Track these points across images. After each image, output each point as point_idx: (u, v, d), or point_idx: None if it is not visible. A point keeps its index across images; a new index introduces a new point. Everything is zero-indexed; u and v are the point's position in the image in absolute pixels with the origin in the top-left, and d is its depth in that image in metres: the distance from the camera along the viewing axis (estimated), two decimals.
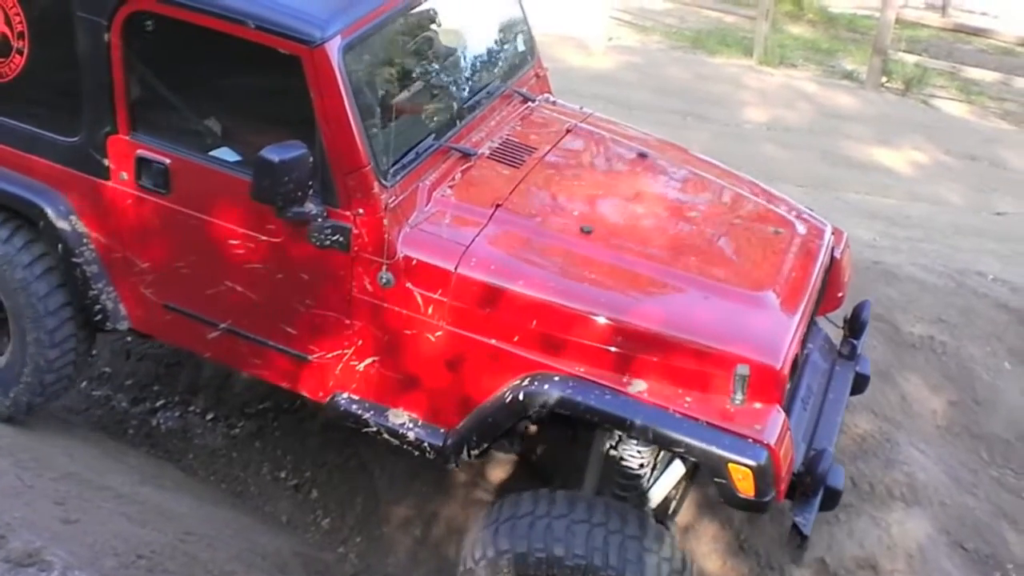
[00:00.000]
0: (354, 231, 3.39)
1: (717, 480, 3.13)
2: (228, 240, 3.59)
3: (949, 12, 12.99)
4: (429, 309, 3.40)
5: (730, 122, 9.20)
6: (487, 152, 3.78)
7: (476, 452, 3.45)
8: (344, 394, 3.64)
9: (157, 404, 4.99)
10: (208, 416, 4.92)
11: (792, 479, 3.29)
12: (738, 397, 3.16)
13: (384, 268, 3.40)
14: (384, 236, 3.36)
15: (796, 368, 3.46)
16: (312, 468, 4.65)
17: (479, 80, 4.05)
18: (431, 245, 3.41)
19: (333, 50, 3.27)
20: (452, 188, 3.59)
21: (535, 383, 3.28)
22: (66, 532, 3.43)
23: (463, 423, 3.46)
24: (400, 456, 4.30)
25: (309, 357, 3.66)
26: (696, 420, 3.14)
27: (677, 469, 3.49)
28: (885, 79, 10.52)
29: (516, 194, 3.62)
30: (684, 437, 3.12)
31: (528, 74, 4.27)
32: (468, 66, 4.04)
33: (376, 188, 3.36)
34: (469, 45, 4.07)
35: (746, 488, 3.09)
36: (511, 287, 3.34)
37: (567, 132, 4.05)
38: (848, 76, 11.02)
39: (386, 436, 3.58)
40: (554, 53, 4.50)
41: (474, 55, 4.10)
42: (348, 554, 4.37)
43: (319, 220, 3.39)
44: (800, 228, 3.81)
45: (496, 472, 4.49)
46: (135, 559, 3.45)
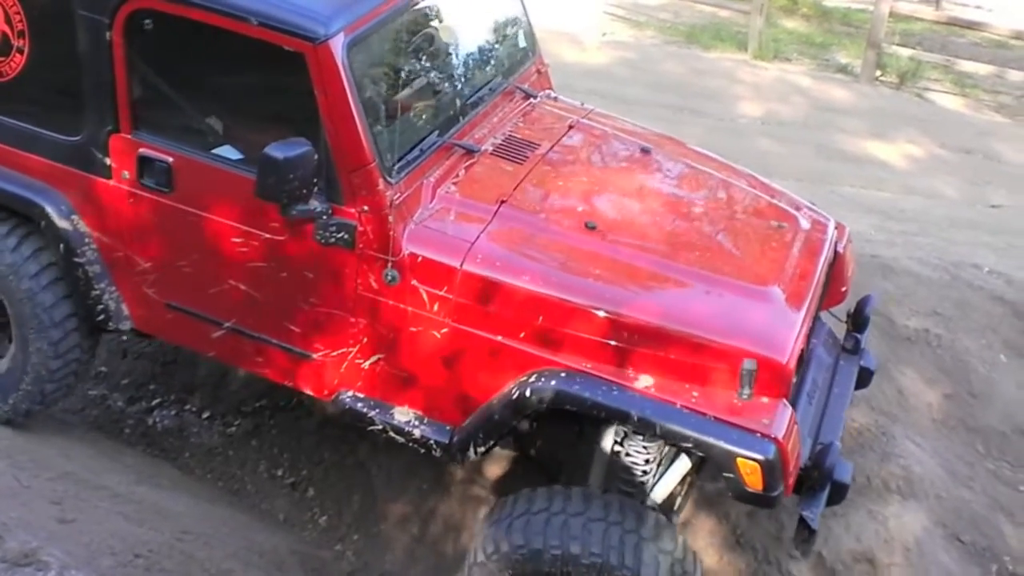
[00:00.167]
0: (359, 228, 3.38)
1: (726, 475, 3.13)
2: (231, 238, 3.57)
3: (943, 5, 13.03)
4: (434, 306, 3.40)
5: (724, 116, 9.19)
6: (490, 148, 3.78)
7: (483, 449, 3.45)
8: (349, 392, 3.63)
9: (153, 403, 4.96)
10: (204, 415, 4.90)
11: (799, 473, 3.29)
12: (745, 392, 3.17)
13: (389, 265, 3.39)
14: (389, 233, 3.35)
15: (802, 363, 3.47)
16: (309, 466, 4.64)
17: (481, 76, 4.04)
18: (436, 242, 3.41)
19: (337, 47, 3.26)
20: (456, 185, 3.58)
21: (541, 379, 3.28)
22: (63, 532, 3.42)
23: (469, 420, 3.45)
24: (397, 453, 4.30)
25: (313, 355, 3.65)
26: (704, 415, 3.14)
27: (682, 465, 3.49)
28: (879, 73, 10.54)
29: (520, 190, 3.61)
30: (692, 432, 3.12)
31: (529, 70, 4.27)
32: (470, 62, 4.03)
33: (381, 185, 3.35)
34: (471, 41, 4.06)
35: (755, 482, 3.09)
36: (516, 283, 3.34)
37: (569, 128, 4.05)
38: (842, 70, 11.04)
39: (392, 434, 3.57)
40: (548, 48, 4.47)
41: (476, 51, 4.09)
42: (345, 552, 4.36)
43: (323, 218, 3.38)
44: (804, 223, 3.81)
45: (493, 469, 4.48)
46: (132, 558, 3.44)
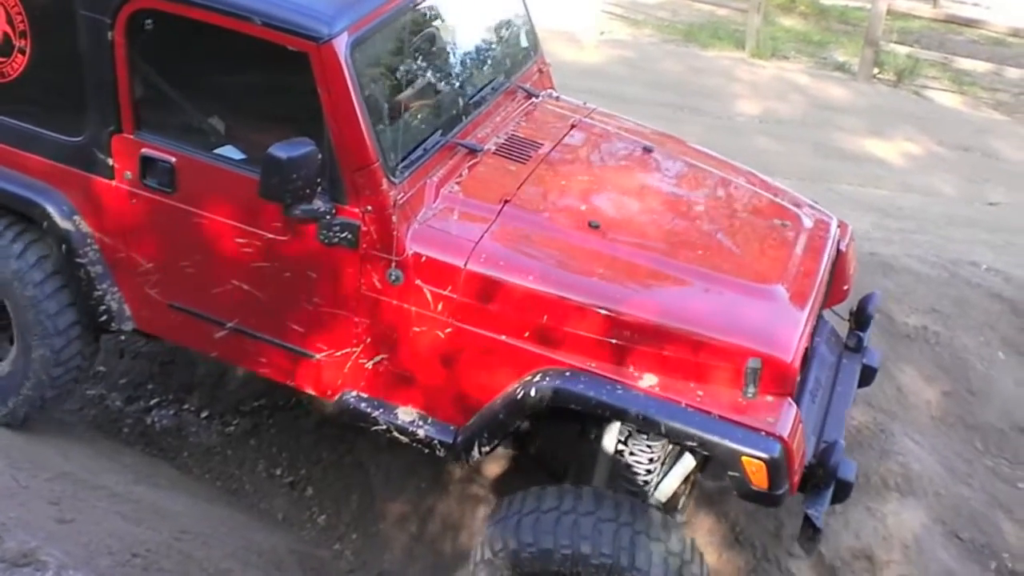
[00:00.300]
0: (363, 228, 3.37)
1: (731, 473, 3.13)
2: (234, 239, 3.56)
3: (940, 3, 13.05)
4: (438, 306, 3.39)
5: (722, 115, 9.20)
6: (493, 148, 3.78)
7: (487, 449, 3.44)
8: (353, 392, 3.63)
9: (152, 402, 4.96)
10: (203, 414, 4.90)
11: (803, 471, 3.29)
12: (750, 390, 3.17)
13: (393, 265, 3.38)
14: (393, 233, 3.35)
15: (806, 361, 3.47)
16: (307, 465, 4.63)
17: (483, 76, 4.04)
18: (440, 241, 3.40)
19: (341, 46, 3.26)
20: (459, 184, 3.58)
21: (546, 379, 3.28)
22: (61, 532, 3.41)
23: (474, 420, 3.45)
24: (396, 453, 4.30)
25: (317, 355, 3.64)
26: (709, 413, 3.14)
27: (686, 464, 3.49)
28: (877, 70, 10.56)
29: (523, 190, 3.61)
30: (697, 430, 3.12)
31: (531, 69, 4.27)
32: (472, 62, 4.02)
33: (385, 185, 3.34)
34: (473, 41, 4.06)
35: (760, 481, 3.09)
36: (520, 283, 3.34)
37: (571, 127, 4.05)
38: (840, 68, 11.05)
39: (396, 434, 3.56)
40: (546, 47, 4.46)
41: (478, 50, 4.08)
42: (344, 551, 4.36)
43: (327, 217, 3.37)
44: (807, 221, 3.82)
45: (491, 468, 4.48)
46: (130, 558, 3.44)
